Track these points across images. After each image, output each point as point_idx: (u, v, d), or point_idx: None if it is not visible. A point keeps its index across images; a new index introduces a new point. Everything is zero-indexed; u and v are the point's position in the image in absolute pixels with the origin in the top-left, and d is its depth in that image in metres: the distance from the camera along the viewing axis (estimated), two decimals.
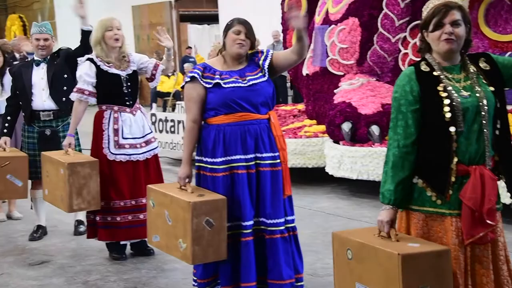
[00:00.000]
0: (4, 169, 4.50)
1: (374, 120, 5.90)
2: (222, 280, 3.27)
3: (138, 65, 4.39)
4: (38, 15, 21.50)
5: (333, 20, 6.82)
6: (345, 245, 2.49)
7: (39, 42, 4.78)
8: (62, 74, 4.81)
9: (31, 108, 4.77)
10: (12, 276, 4.11)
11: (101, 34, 4.23)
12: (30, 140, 4.83)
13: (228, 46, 3.26)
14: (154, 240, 3.36)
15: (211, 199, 3.12)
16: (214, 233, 3.09)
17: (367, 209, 5.61)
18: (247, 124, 3.21)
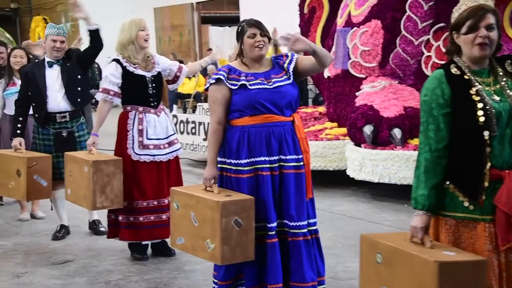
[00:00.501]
0: (31, 170, 4.56)
1: (396, 123, 5.87)
2: (247, 281, 3.26)
3: (162, 66, 4.42)
4: (61, 17, 21.76)
5: (356, 22, 6.79)
6: (375, 249, 2.45)
7: (56, 44, 4.79)
8: (76, 75, 4.85)
9: (46, 110, 4.79)
10: (36, 275, 4.16)
11: (135, 33, 4.25)
12: (46, 142, 4.85)
13: (247, 51, 3.26)
14: (178, 242, 3.35)
15: (239, 198, 3.13)
16: (242, 233, 3.09)
17: (388, 213, 5.58)
18: (272, 126, 3.21)
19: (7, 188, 4.72)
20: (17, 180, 4.60)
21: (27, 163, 4.53)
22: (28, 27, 22.15)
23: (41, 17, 21.05)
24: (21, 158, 4.59)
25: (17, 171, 4.59)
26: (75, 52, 4.92)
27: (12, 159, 4.66)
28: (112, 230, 4.41)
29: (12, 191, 4.74)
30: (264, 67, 3.30)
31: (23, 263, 4.44)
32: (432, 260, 2.20)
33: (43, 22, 19.80)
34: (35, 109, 4.85)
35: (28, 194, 4.62)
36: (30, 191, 4.59)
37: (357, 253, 4.35)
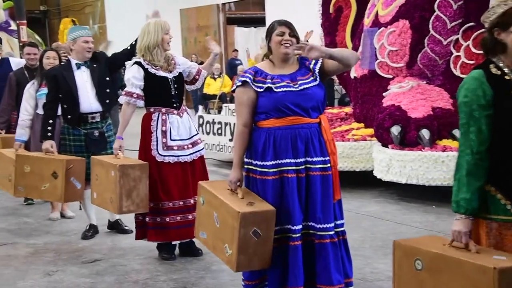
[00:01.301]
0: (68, 172, 4.61)
1: (424, 124, 5.81)
2: (270, 283, 3.26)
3: (182, 67, 4.45)
4: (89, 19, 22.04)
5: (383, 22, 6.75)
6: (413, 255, 2.40)
7: (88, 45, 4.86)
8: (105, 76, 4.92)
9: (79, 111, 4.86)
10: (66, 273, 4.22)
11: (161, 37, 4.29)
12: (77, 143, 4.91)
13: (274, 49, 3.26)
14: (201, 236, 3.39)
15: (260, 210, 3.10)
16: (260, 243, 3.08)
17: (416, 214, 5.53)
18: (298, 128, 3.21)
19: (40, 190, 4.77)
20: (52, 182, 4.65)
21: (66, 165, 4.59)
22: (56, 29, 22.48)
23: (70, 19, 21.33)
24: (60, 160, 4.65)
25: (53, 173, 4.64)
26: (101, 55, 4.99)
27: (46, 162, 4.71)
28: (140, 231, 4.44)
29: (45, 193, 4.79)
30: (290, 68, 3.30)
31: (53, 261, 4.51)
32: (491, 266, 2.14)
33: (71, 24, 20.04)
34: (67, 111, 4.91)
35: (65, 196, 4.67)
36: (66, 192, 4.65)
37: (386, 254, 4.37)
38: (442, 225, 5.12)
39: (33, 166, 4.78)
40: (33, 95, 5.53)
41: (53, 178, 4.64)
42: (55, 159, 4.70)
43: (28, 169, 4.78)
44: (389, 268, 4.04)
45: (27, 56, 6.30)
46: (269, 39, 3.27)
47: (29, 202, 6.42)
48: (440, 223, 5.18)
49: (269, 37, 3.27)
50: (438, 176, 5.62)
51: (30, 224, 5.66)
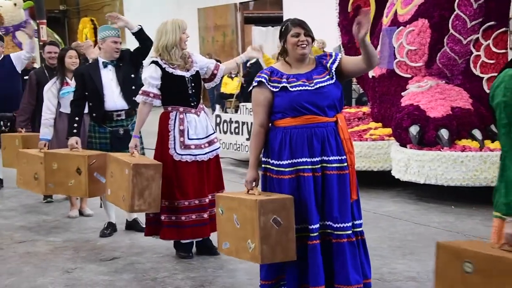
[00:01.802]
0: (91, 168, 4.67)
1: (443, 124, 5.76)
2: (289, 282, 3.26)
3: (199, 65, 4.46)
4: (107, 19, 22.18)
5: (402, 21, 6.70)
6: (460, 257, 2.35)
7: (117, 45, 4.92)
8: (130, 74, 4.96)
9: (104, 108, 4.92)
10: (85, 271, 4.26)
11: (178, 36, 4.30)
12: (103, 141, 4.97)
13: (290, 50, 3.26)
14: (224, 247, 3.37)
15: (278, 197, 3.14)
16: (282, 232, 3.09)
17: (435, 214, 5.49)
18: (314, 127, 3.20)
19: (67, 186, 4.84)
20: (77, 178, 4.72)
21: (87, 161, 4.65)
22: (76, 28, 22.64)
23: (89, 18, 21.44)
24: (82, 156, 4.71)
25: (77, 169, 4.70)
26: (127, 52, 5.03)
27: (71, 158, 4.78)
28: (149, 228, 4.46)
29: (72, 189, 4.86)
30: (307, 67, 3.30)
31: (72, 259, 4.55)
32: None
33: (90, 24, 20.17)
34: (93, 109, 4.97)
35: (89, 191, 4.73)
36: (91, 188, 4.71)
37: (404, 254, 4.34)
38: (461, 225, 5.08)
39: (60, 163, 4.85)
40: (55, 94, 5.58)
41: (78, 174, 4.70)
42: (78, 155, 4.76)
43: (55, 166, 4.86)
44: (407, 268, 4.05)
45: (48, 54, 6.35)
46: (284, 40, 3.26)
47: (48, 200, 6.49)
48: (459, 224, 5.13)
49: (284, 38, 3.26)
50: (457, 176, 5.57)
51: (49, 221, 5.72)
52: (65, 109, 5.61)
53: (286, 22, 3.29)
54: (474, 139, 5.77)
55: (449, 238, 4.72)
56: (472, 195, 5.81)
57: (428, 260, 4.20)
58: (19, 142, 6.19)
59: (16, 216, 5.96)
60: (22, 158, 5.45)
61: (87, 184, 4.67)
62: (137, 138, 4.45)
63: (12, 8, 12.26)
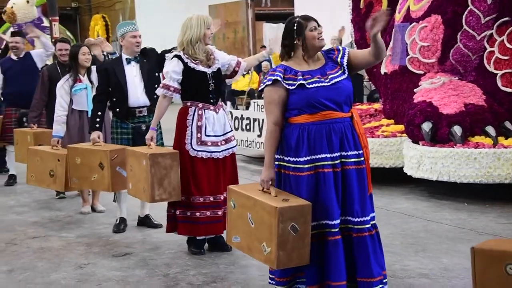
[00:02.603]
0: (113, 162, 4.70)
1: (457, 120, 5.72)
2: (308, 279, 3.24)
3: (221, 61, 4.46)
4: (119, 15, 22.26)
5: (415, 17, 6.66)
6: (501, 260, 2.35)
7: (136, 39, 4.93)
8: (154, 72, 4.97)
9: (128, 104, 4.93)
10: (97, 267, 4.28)
11: (203, 32, 4.30)
12: (124, 136, 4.99)
13: (310, 44, 3.24)
14: (234, 240, 3.37)
15: (297, 204, 3.10)
16: (298, 238, 3.08)
17: (448, 211, 5.46)
18: (332, 123, 3.19)
19: (90, 181, 4.89)
20: (100, 172, 4.76)
21: (109, 156, 4.68)
22: (87, 25, 22.71)
23: (100, 15, 21.53)
24: (104, 151, 4.74)
25: (99, 164, 4.75)
26: (152, 51, 5.05)
27: (93, 153, 4.82)
28: (170, 224, 4.47)
29: (95, 184, 4.91)
30: (317, 63, 3.29)
31: (85, 254, 4.57)
32: None
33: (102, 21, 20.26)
34: (116, 104, 4.98)
35: (112, 185, 4.77)
36: (113, 182, 4.74)
37: (417, 251, 4.33)
38: (474, 222, 5.04)
39: (82, 158, 4.89)
40: (68, 91, 5.61)
41: (100, 169, 4.75)
42: (100, 150, 4.79)
43: (79, 160, 4.91)
44: (420, 265, 4.03)
45: (59, 52, 6.39)
46: (302, 37, 3.23)
47: (61, 196, 6.52)
48: (472, 221, 5.10)
49: (300, 35, 3.23)
50: (470, 173, 5.53)
51: (62, 217, 5.75)
52: (77, 106, 5.63)
53: (296, 20, 3.26)
54: (488, 136, 5.72)
55: (462, 235, 4.71)
56: (485, 192, 5.78)
57: (441, 257, 4.20)
58: (31, 138, 6.23)
59: (29, 212, 6.01)
60: (34, 156, 5.49)
61: (110, 178, 4.72)
62: (154, 130, 4.45)
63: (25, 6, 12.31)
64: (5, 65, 7.27)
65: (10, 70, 7.18)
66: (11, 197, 6.71)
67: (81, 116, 5.67)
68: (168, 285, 3.87)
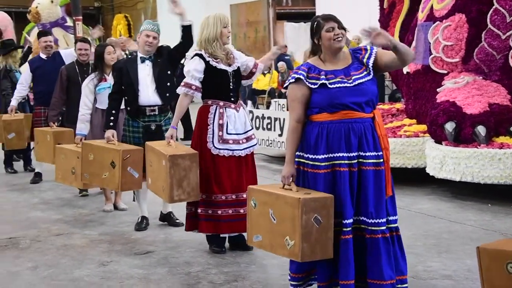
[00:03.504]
0: (125, 162, 4.73)
1: (481, 120, 5.66)
2: (319, 276, 3.28)
3: (240, 61, 4.47)
4: (141, 15, 22.40)
5: (438, 16, 6.59)
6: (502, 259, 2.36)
7: (148, 39, 4.95)
8: (166, 70, 4.99)
9: (138, 103, 4.97)
10: (120, 264, 4.31)
11: (220, 30, 4.31)
12: (136, 135, 5.03)
13: (326, 46, 3.25)
14: (256, 240, 3.38)
15: (319, 196, 3.13)
16: (321, 231, 3.10)
17: (471, 212, 5.40)
18: (352, 122, 3.21)
19: (101, 178, 4.93)
20: (111, 171, 4.80)
21: (122, 155, 4.71)
22: (110, 25, 22.91)
23: (123, 15, 21.71)
24: (116, 150, 4.77)
25: (111, 163, 4.78)
26: (166, 49, 5.06)
27: (106, 151, 4.85)
28: (190, 222, 4.49)
29: (105, 181, 4.94)
30: (343, 62, 3.29)
31: (107, 252, 4.61)
32: None
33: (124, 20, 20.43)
34: (128, 102, 5.02)
35: (121, 185, 4.80)
36: (123, 182, 4.78)
37: (439, 252, 4.29)
38: (498, 224, 4.98)
39: (96, 155, 4.94)
40: (92, 90, 5.66)
41: (112, 167, 4.78)
42: (113, 149, 4.82)
43: (92, 157, 4.95)
44: (443, 266, 4.00)
45: (79, 51, 6.44)
46: (319, 37, 3.25)
47: (84, 193, 6.59)
48: (496, 222, 5.04)
49: (317, 35, 3.26)
50: (495, 174, 5.47)
51: (85, 215, 5.81)
52: (101, 105, 5.68)
53: (316, 19, 3.29)
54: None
55: (486, 237, 4.65)
56: (510, 193, 5.69)
57: (464, 258, 4.15)
58: (50, 137, 6.31)
59: (53, 209, 6.08)
60: (60, 154, 5.57)
61: (120, 178, 4.74)
62: (174, 128, 4.47)
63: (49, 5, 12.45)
64: (35, 64, 7.33)
65: (39, 69, 7.25)
66: (35, 195, 6.79)
67: (103, 115, 5.71)
68: (189, 283, 3.88)
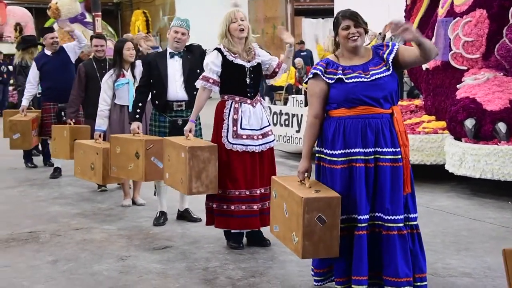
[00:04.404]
0: (148, 152, 4.77)
1: (501, 117, 5.59)
2: (336, 271, 3.30)
3: (262, 59, 4.46)
4: (160, 11, 22.48)
5: (458, 12, 6.53)
6: None
7: (177, 35, 4.98)
8: (196, 68, 4.98)
9: (166, 98, 4.99)
10: (138, 259, 4.34)
11: (225, 27, 4.34)
12: (162, 129, 5.06)
13: (342, 43, 3.27)
14: (275, 230, 3.44)
15: (325, 196, 3.14)
16: (326, 230, 3.11)
17: (491, 210, 5.35)
18: (369, 118, 3.20)
19: (127, 170, 4.97)
20: (136, 162, 4.83)
21: (144, 145, 4.75)
22: (128, 20, 23.05)
23: (141, 11, 21.82)
24: (139, 140, 4.81)
25: (135, 153, 4.82)
26: (198, 48, 5.09)
27: (131, 142, 4.89)
28: (209, 217, 4.51)
29: (131, 173, 4.98)
30: (363, 58, 3.29)
31: (126, 247, 4.64)
32: None
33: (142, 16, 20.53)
34: (156, 97, 5.05)
35: (146, 175, 4.83)
36: (147, 172, 4.80)
37: (458, 250, 4.26)
38: None
39: (122, 147, 4.98)
40: (111, 86, 5.69)
41: (136, 158, 4.81)
42: (137, 139, 4.86)
43: (118, 149, 5.00)
44: (462, 264, 3.97)
45: (95, 48, 6.49)
46: (336, 33, 3.28)
47: (102, 189, 6.64)
48: None
49: (335, 30, 3.28)
50: None
51: (103, 210, 5.85)
52: (119, 101, 5.71)
53: (337, 15, 3.30)
54: None
55: (506, 235, 4.61)
56: None
57: (484, 256, 4.11)
58: (67, 133, 6.36)
59: (72, 204, 6.13)
60: (79, 149, 5.62)
61: (144, 168, 4.78)
62: (193, 122, 4.48)
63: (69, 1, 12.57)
64: (41, 61, 7.40)
65: (46, 65, 7.32)
66: (55, 189, 6.86)
67: (122, 110, 5.74)
68: (207, 278, 3.90)
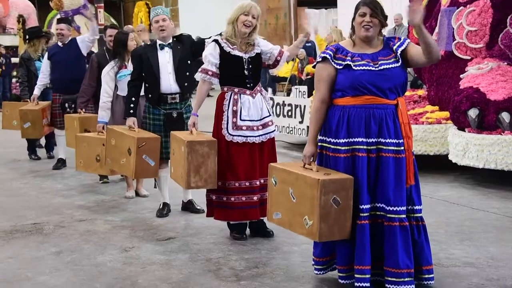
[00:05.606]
0: (140, 150, 4.77)
1: (505, 107, 5.57)
2: (339, 259, 3.31)
3: (262, 49, 4.44)
4: (162, 2, 22.41)
5: (462, 1, 6.49)
6: None
7: (159, 23, 4.95)
8: (186, 60, 4.98)
9: (160, 91, 4.98)
10: (141, 250, 4.35)
11: (236, 15, 4.31)
12: (156, 122, 5.05)
13: (356, 29, 3.26)
14: (276, 217, 3.43)
15: (339, 177, 3.15)
16: (340, 212, 3.13)
17: (494, 200, 5.34)
18: (373, 108, 3.20)
19: (120, 164, 4.98)
20: (127, 157, 4.85)
21: (137, 143, 4.75)
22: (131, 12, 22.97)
23: (144, 2, 21.71)
24: (132, 137, 4.80)
25: (128, 149, 4.83)
26: (188, 38, 5.06)
27: (125, 137, 4.89)
28: (210, 209, 4.51)
29: (123, 167, 5.00)
30: (373, 48, 3.28)
31: (129, 238, 4.66)
32: None
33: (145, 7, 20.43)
34: (149, 90, 5.03)
35: (136, 172, 4.84)
36: (138, 169, 4.81)
37: (462, 240, 4.26)
38: None
39: (116, 140, 4.99)
40: (113, 77, 5.68)
41: (128, 154, 4.83)
42: (130, 136, 4.85)
43: (113, 142, 5.01)
44: (465, 254, 3.97)
45: (109, 38, 6.45)
46: (354, 18, 3.27)
47: (105, 180, 6.65)
48: None
49: (354, 15, 3.27)
50: None
51: (107, 201, 5.86)
52: (122, 92, 5.70)
53: (360, 0, 3.27)
54: None
55: (510, 225, 4.61)
56: None
57: (487, 246, 4.11)
58: (77, 123, 6.37)
59: (76, 196, 6.15)
60: (82, 142, 5.63)
61: (135, 165, 4.78)
62: (195, 116, 4.48)
63: None
64: (52, 51, 7.44)
65: (56, 56, 7.34)
66: (58, 181, 6.88)
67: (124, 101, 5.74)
68: (210, 269, 3.91)
